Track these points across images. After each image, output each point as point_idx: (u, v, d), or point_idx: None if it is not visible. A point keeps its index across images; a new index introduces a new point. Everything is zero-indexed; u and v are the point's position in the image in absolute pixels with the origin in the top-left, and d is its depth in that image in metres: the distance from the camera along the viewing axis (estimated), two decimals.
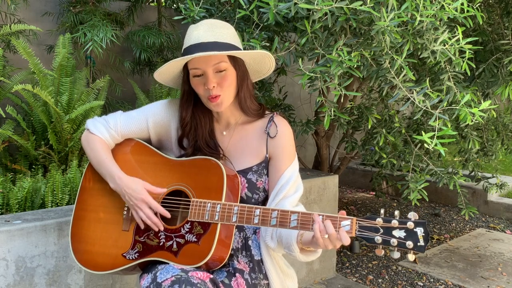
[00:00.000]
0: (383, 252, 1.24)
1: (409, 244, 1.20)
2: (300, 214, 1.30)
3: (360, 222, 1.25)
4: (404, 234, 1.21)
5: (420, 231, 1.20)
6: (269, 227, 1.36)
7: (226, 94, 1.45)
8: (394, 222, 1.22)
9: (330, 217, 1.27)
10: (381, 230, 1.23)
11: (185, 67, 1.48)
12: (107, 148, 1.55)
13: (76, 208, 1.56)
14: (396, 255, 1.22)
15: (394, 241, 1.21)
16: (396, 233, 1.22)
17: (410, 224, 1.21)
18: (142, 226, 1.45)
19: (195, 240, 1.37)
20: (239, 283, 1.43)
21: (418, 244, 1.20)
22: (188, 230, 1.39)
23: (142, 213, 1.43)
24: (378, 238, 1.23)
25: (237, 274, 1.44)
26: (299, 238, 1.38)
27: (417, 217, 1.23)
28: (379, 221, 1.23)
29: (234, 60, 1.46)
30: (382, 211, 1.27)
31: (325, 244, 1.27)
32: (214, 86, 1.42)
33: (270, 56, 1.52)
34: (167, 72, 1.51)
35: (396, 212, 1.25)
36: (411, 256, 1.22)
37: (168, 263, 1.36)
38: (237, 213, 1.35)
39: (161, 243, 1.41)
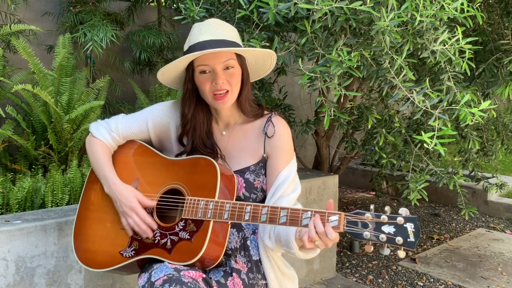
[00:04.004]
0: (372, 248, 1.21)
1: (399, 240, 1.17)
2: (289, 210, 1.30)
3: (348, 217, 1.23)
4: (394, 229, 1.18)
5: (410, 226, 1.17)
6: (259, 223, 1.36)
7: (233, 91, 1.48)
8: (384, 218, 1.19)
9: (318, 212, 1.27)
10: (370, 226, 1.20)
11: (189, 65, 1.50)
12: (108, 151, 1.58)
13: (80, 207, 1.59)
14: (386, 251, 1.19)
15: (383, 237, 1.18)
16: (385, 228, 1.19)
17: (400, 220, 1.18)
18: (131, 233, 1.47)
19: (188, 237, 1.38)
20: (236, 282, 1.43)
21: (408, 240, 1.16)
22: (182, 227, 1.41)
23: (131, 220, 1.46)
24: (367, 234, 1.20)
25: (234, 274, 1.45)
26: (298, 234, 1.38)
27: (408, 213, 1.20)
28: (368, 216, 1.21)
29: (240, 59, 1.49)
30: (372, 206, 1.24)
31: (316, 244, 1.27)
32: (223, 82, 1.44)
33: (274, 56, 1.55)
34: (172, 70, 1.51)
35: (387, 208, 1.22)
36: (401, 253, 1.18)
37: (164, 262, 1.37)
38: (229, 210, 1.36)
39: (156, 241, 1.43)
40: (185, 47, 1.49)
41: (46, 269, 1.79)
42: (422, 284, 2.90)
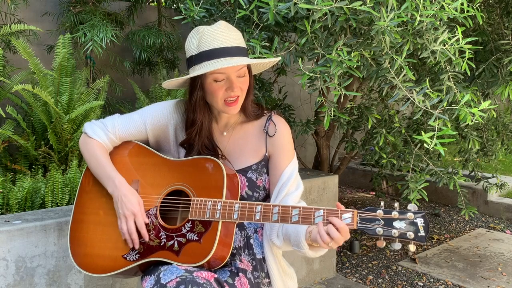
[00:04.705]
0: (384, 243, 1.25)
1: (410, 234, 1.22)
2: (301, 208, 1.31)
3: (361, 214, 1.27)
4: (405, 225, 1.23)
5: (420, 221, 1.23)
6: (270, 222, 1.37)
7: (243, 96, 1.48)
8: (395, 214, 1.24)
9: (331, 210, 1.28)
10: (382, 222, 1.25)
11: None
12: (106, 151, 1.55)
13: (75, 211, 1.55)
14: (397, 246, 1.24)
15: (395, 232, 1.23)
16: (396, 224, 1.24)
17: (410, 215, 1.23)
18: (123, 237, 1.44)
19: (197, 238, 1.36)
20: (243, 282, 1.43)
21: (419, 234, 1.22)
22: (189, 229, 1.39)
23: (124, 225, 1.43)
24: (380, 230, 1.24)
25: (240, 274, 1.45)
26: (308, 235, 1.39)
27: (417, 209, 1.26)
28: (380, 213, 1.25)
29: (249, 66, 1.49)
30: (382, 203, 1.29)
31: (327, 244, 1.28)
32: (236, 89, 1.44)
33: (276, 60, 1.56)
34: (180, 78, 1.49)
35: (396, 204, 1.27)
36: (412, 247, 1.23)
37: (170, 264, 1.35)
38: (238, 210, 1.36)
39: (162, 243, 1.41)
40: (194, 52, 1.43)
41: (46, 269, 1.79)
42: (422, 284, 2.90)
